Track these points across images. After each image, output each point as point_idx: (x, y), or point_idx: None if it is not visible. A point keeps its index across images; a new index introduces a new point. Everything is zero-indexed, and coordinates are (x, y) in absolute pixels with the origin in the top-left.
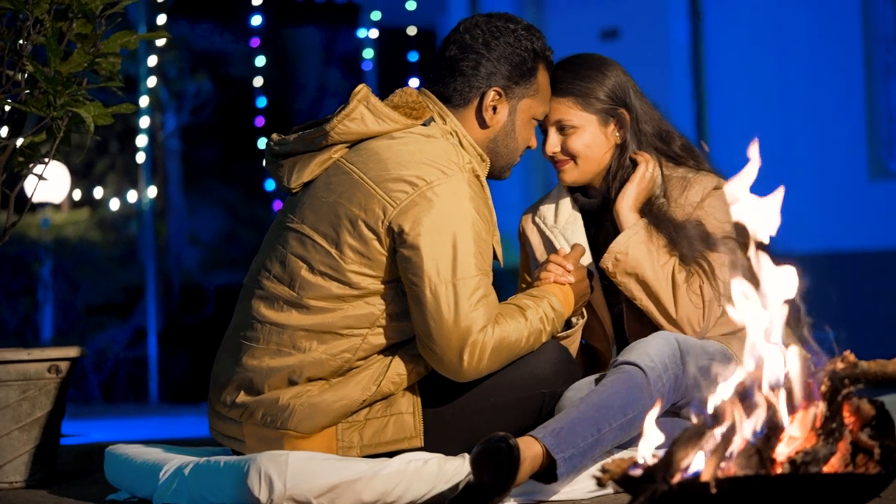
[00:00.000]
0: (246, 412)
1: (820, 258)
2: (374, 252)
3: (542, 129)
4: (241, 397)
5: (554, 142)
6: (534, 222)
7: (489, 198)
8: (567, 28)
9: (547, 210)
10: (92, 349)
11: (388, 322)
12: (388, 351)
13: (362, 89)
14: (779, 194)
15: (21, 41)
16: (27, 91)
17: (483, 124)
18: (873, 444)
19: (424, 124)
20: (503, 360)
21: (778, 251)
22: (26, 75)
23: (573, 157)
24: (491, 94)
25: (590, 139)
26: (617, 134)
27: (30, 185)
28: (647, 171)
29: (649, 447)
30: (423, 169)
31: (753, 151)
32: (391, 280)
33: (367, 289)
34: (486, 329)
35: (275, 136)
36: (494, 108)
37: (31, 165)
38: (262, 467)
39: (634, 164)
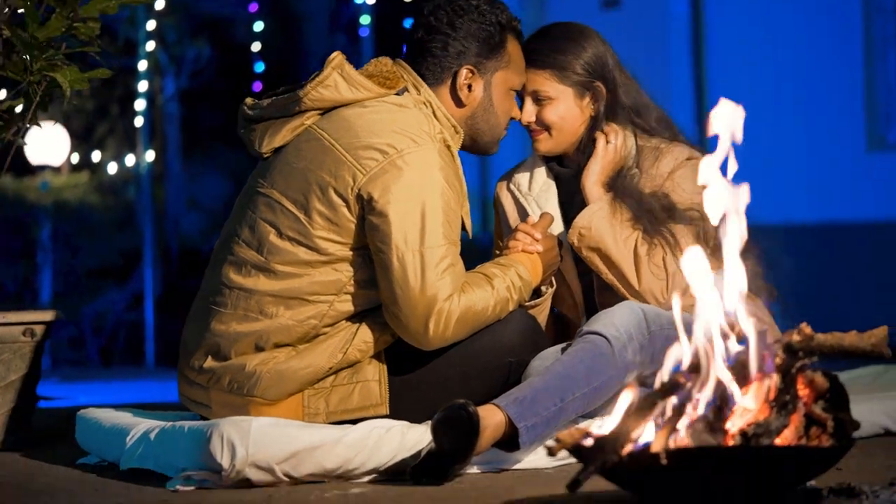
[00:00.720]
0: (213, 378)
1: (817, 229)
2: (343, 219)
3: (520, 98)
4: (209, 363)
5: (529, 111)
6: (508, 189)
7: (460, 168)
8: None
9: (521, 177)
10: (91, 313)
11: (355, 289)
12: (354, 318)
13: (336, 56)
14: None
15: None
16: (5, 55)
17: (459, 103)
18: (826, 417)
19: (398, 94)
20: (469, 328)
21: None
22: (3, 39)
23: (548, 128)
24: (463, 72)
25: (564, 111)
26: (592, 106)
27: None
28: (610, 145)
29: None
30: (394, 137)
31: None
32: (359, 247)
33: (335, 255)
34: (452, 297)
35: (248, 100)
36: (469, 87)
37: (12, 130)
38: (225, 433)
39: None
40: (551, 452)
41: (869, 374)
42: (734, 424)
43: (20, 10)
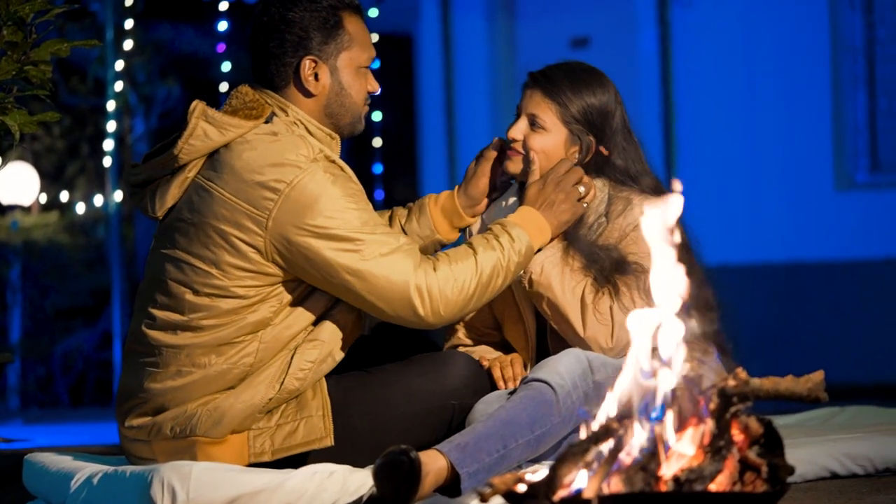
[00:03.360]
0: (154, 429)
1: (786, 268)
2: (258, 265)
3: (517, 113)
4: (148, 419)
5: (521, 128)
6: None
7: (352, 174)
8: (538, 36)
9: None
10: (60, 352)
11: (282, 318)
12: (288, 346)
13: (196, 106)
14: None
15: None
16: None
17: (309, 94)
18: (761, 462)
19: (267, 121)
20: (463, 299)
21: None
22: None
23: (527, 153)
24: (305, 63)
25: (551, 147)
26: (576, 156)
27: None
28: None
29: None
30: (279, 171)
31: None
32: (281, 282)
33: (258, 295)
34: (420, 270)
35: (130, 166)
36: (316, 76)
37: None
38: (166, 478)
39: None
40: (483, 498)
41: (818, 416)
42: (668, 470)
43: None
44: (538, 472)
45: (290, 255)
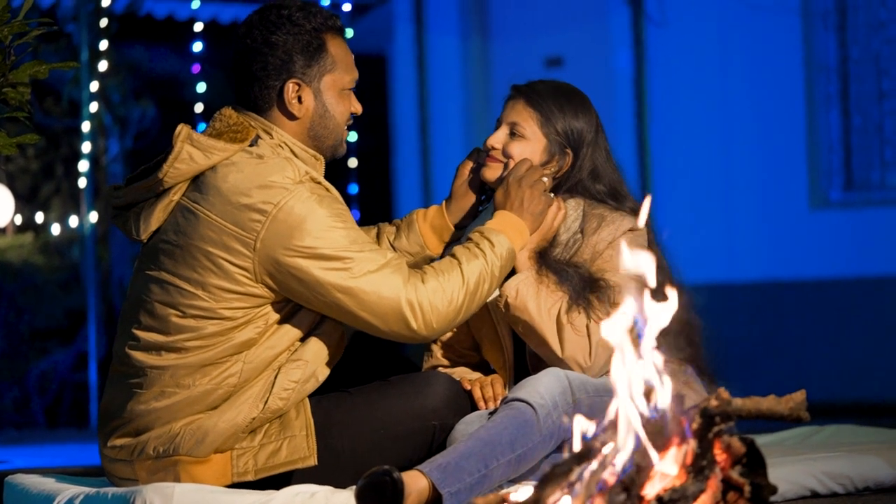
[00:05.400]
0: (136, 449)
1: (761, 287)
2: (246, 287)
3: (497, 124)
4: (131, 440)
5: (499, 138)
6: None
7: (338, 194)
8: (512, 56)
9: None
10: (36, 374)
11: (266, 338)
12: (271, 366)
13: (182, 130)
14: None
15: None
16: None
17: (293, 117)
18: (744, 482)
19: (252, 144)
20: (454, 312)
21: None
22: None
23: (505, 161)
24: (289, 87)
25: (529, 154)
26: (552, 167)
27: None
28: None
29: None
30: (265, 193)
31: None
32: (265, 304)
33: (244, 318)
34: (409, 285)
35: (113, 189)
36: (299, 99)
37: None
38: (148, 499)
39: None
40: None
41: (796, 435)
42: (651, 490)
43: None
44: (521, 493)
45: (280, 277)
